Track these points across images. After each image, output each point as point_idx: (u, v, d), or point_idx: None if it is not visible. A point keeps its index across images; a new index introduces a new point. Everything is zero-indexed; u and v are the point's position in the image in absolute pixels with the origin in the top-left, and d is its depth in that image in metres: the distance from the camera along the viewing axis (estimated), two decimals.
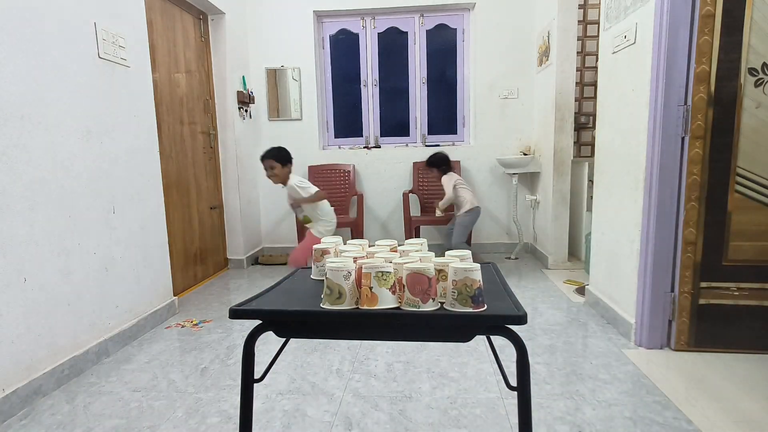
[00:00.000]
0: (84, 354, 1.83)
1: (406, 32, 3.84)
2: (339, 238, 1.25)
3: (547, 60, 3.28)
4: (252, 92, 3.69)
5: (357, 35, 3.86)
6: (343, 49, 3.90)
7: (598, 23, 3.40)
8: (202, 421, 1.46)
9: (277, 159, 2.63)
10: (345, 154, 3.88)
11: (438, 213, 3.28)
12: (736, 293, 1.81)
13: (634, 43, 1.95)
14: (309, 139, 3.84)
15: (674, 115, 1.77)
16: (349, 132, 4.01)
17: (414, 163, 3.79)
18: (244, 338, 0.97)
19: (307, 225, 2.80)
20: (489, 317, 0.89)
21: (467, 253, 1.06)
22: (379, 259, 0.97)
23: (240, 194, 3.48)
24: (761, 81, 1.69)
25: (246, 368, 0.99)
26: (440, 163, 3.21)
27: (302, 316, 0.97)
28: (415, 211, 3.75)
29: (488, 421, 1.43)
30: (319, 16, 3.82)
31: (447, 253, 1.08)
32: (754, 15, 1.66)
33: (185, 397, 1.62)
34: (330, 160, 3.85)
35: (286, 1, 3.69)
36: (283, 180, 2.67)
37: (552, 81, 3.18)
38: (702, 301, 1.84)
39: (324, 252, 1.19)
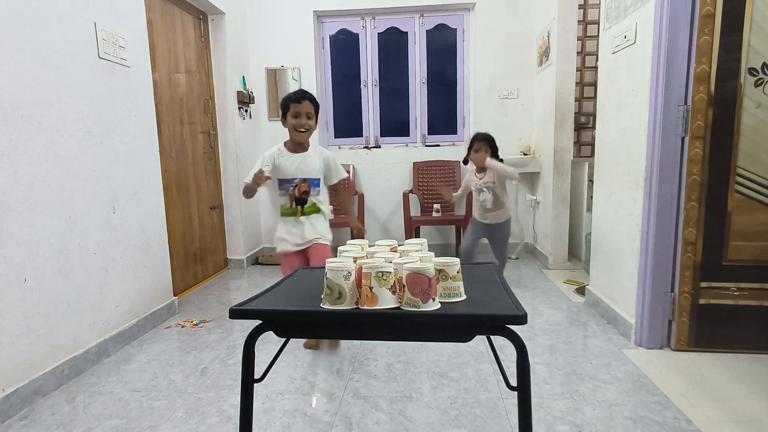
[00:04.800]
0: (84, 354, 1.83)
1: (406, 32, 3.83)
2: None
3: (547, 60, 3.28)
4: (252, 92, 3.68)
5: (357, 35, 3.86)
6: (343, 49, 3.90)
7: (598, 23, 3.39)
8: (202, 421, 1.46)
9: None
10: (345, 154, 3.87)
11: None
12: (736, 293, 1.81)
13: (634, 43, 1.95)
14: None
15: (674, 115, 1.77)
16: (349, 132, 4.00)
17: (414, 163, 3.79)
18: (244, 338, 0.97)
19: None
20: (489, 317, 0.89)
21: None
22: (379, 259, 0.97)
23: (240, 194, 3.48)
24: (761, 81, 1.69)
25: (246, 368, 0.99)
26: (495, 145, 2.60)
27: (302, 316, 0.97)
28: (415, 211, 3.75)
29: (488, 421, 1.43)
30: (319, 16, 3.81)
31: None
32: (754, 15, 1.66)
33: (185, 397, 1.62)
34: None
35: (286, 1, 3.69)
36: None
37: (552, 81, 3.18)
38: (702, 301, 1.84)
39: None
